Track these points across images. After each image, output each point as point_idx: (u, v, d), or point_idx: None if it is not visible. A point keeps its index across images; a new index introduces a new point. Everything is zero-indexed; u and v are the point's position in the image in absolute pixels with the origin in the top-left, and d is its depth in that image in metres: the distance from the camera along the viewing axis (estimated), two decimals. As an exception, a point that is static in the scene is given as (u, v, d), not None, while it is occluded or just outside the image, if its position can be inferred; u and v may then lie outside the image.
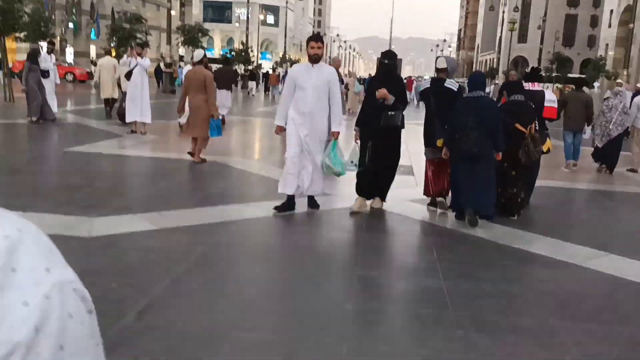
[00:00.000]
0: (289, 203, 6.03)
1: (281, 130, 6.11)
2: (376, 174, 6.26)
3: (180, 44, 31.86)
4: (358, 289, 4.19)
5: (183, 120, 9.77)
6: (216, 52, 78.33)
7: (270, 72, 35.43)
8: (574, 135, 10.43)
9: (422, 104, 7.41)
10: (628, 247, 5.60)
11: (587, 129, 10.47)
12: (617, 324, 3.79)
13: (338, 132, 5.98)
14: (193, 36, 30.33)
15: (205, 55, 9.20)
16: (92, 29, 44.69)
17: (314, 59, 5.95)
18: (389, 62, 6.34)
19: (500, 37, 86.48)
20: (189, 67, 17.12)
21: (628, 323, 3.84)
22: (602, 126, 10.30)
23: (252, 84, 32.44)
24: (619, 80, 15.53)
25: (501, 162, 6.09)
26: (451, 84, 6.38)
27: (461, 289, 4.21)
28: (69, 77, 32.64)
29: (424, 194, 6.76)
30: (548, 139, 6.73)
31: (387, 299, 4.14)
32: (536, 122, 6.42)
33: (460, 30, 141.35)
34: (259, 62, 61.68)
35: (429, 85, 6.68)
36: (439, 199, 6.55)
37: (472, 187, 5.87)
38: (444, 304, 3.87)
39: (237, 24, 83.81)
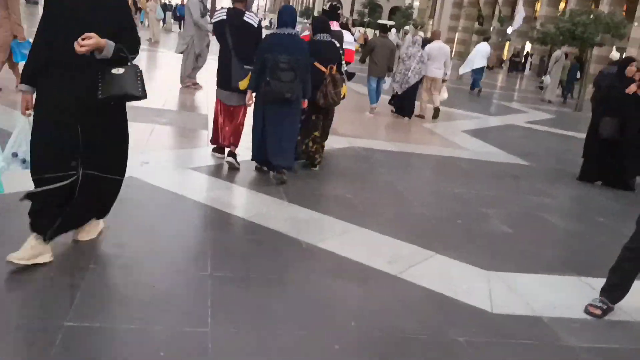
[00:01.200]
0: None
1: None
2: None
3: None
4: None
5: None
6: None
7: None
8: (378, 80, 10.73)
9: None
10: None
11: (387, 79, 10.83)
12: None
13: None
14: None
15: None
16: None
17: None
18: None
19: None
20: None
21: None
22: (401, 74, 10.66)
23: None
24: (421, 33, 16.85)
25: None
26: (251, 17, 5.68)
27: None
28: None
29: (212, 142, 6.14)
30: (345, 84, 6.40)
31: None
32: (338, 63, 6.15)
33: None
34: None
35: (225, 17, 5.71)
36: (229, 158, 5.89)
37: (279, 139, 5.51)
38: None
39: None
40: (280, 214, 4.73)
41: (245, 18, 5.65)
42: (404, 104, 10.96)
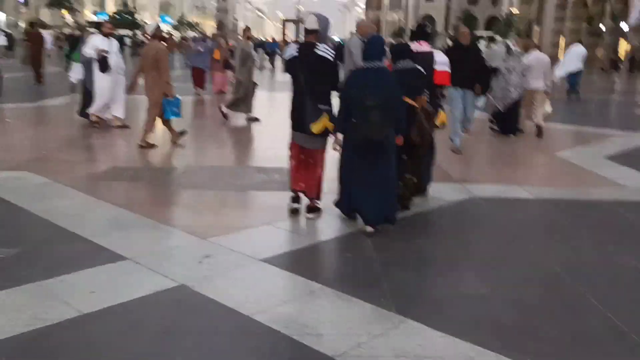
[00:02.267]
0: None
1: None
2: None
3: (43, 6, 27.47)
4: None
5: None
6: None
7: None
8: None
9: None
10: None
11: (482, 97, 9.90)
12: None
13: None
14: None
15: (158, 27, 8.78)
16: None
17: None
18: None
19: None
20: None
21: None
22: (502, 89, 9.99)
23: None
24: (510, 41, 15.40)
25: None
26: (325, 50, 5.02)
27: None
28: None
29: (290, 188, 5.42)
30: (441, 110, 5.78)
31: None
32: (427, 92, 5.55)
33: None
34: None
35: (296, 54, 5.14)
36: (309, 215, 5.25)
37: (370, 186, 4.84)
38: None
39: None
40: (388, 346, 3.11)
41: (318, 52, 5.01)
42: (506, 121, 10.14)
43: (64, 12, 46.35)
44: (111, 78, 9.67)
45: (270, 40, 37.01)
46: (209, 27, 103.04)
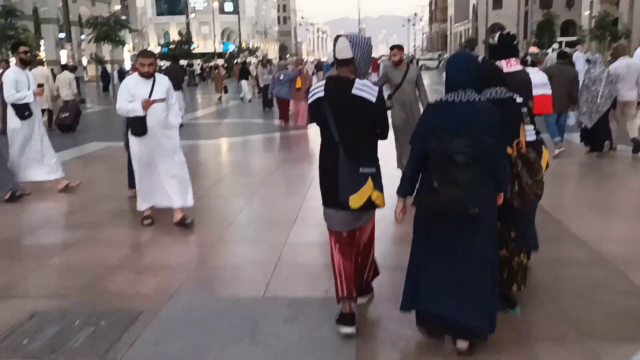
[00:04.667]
0: None
1: None
2: None
3: (92, 41, 26.33)
4: None
5: None
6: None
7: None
8: (559, 116, 9.31)
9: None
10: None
11: (571, 113, 9.63)
12: None
13: None
14: (108, 30, 24.82)
15: None
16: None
17: None
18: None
19: (474, 5, 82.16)
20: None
21: None
22: (588, 102, 9.08)
23: (245, 85, 23.62)
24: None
25: None
26: (365, 88, 3.54)
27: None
28: None
29: (342, 297, 3.70)
30: (543, 147, 4.15)
31: None
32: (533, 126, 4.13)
33: (431, 2, 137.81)
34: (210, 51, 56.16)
35: (322, 93, 3.61)
36: (348, 329, 3.61)
37: (456, 278, 3.33)
38: None
39: (193, 15, 78.28)
40: None
41: (356, 91, 3.52)
42: (595, 136, 9.31)
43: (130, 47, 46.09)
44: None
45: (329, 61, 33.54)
46: (271, 51, 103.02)
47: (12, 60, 27.79)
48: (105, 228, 6.03)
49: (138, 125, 5.56)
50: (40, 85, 7.47)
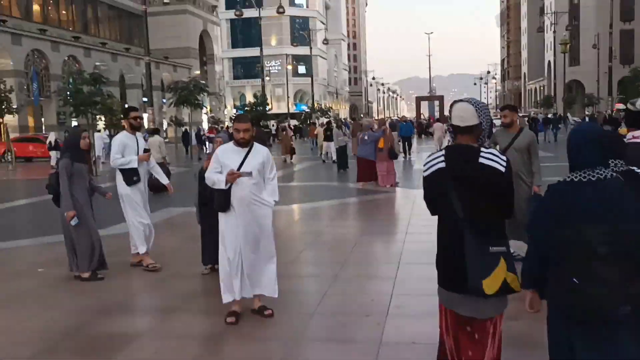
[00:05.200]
0: None
1: None
2: None
3: (172, 104, 27.10)
4: None
5: None
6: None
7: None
8: None
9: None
10: None
11: None
12: None
13: None
14: (187, 94, 25.48)
15: None
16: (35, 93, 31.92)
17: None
18: None
19: (550, 62, 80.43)
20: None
21: None
22: None
23: (327, 146, 23.09)
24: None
25: None
26: (494, 157, 3.12)
27: None
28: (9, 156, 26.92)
29: None
30: None
31: None
32: None
33: (503, 60, 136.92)
34: (286, 112, 57.12)
35: (443, 164, 3.17)
36: None
37: None
38: None
39: (267, 78, 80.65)
40: None
41: (484, 160, 3.10)
42: None
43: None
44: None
45: (403, 121, 29.73)
46: (342, 110, 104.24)
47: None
48: (176, 315, 5.46)
49: (220, 199, 5.03)
50: (146, 151, 7.16)
